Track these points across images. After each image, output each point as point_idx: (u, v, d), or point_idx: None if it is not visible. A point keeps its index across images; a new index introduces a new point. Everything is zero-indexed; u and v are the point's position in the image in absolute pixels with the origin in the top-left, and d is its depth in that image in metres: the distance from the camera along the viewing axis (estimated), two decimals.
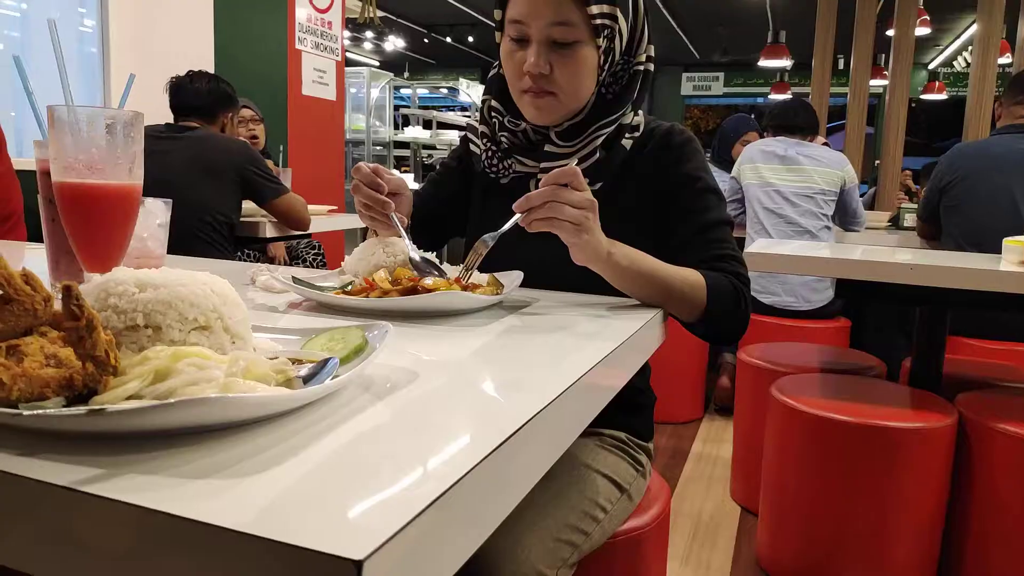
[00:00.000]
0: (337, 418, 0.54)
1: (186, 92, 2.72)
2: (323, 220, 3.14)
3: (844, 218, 3.48)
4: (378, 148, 7.69)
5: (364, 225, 1.20)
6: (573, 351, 0.81)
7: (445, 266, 1.08)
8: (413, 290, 0.94)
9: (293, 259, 3.54)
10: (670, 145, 1.21)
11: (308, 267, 3.44)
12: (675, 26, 10.91)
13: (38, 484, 0.42)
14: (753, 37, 10.47)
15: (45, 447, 0.46)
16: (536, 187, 1.21)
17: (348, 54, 4.90)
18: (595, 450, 1.15)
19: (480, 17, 10.77)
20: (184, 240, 2.45)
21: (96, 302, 0.58)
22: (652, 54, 1.21)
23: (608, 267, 1.01)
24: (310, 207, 2.89)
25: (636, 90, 1.20)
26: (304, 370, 0.57)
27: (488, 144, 1.25)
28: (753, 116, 4.44)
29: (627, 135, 1.20)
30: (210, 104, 2.74)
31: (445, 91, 11.02)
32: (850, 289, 2.02)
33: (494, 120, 1.24)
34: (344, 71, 4.91)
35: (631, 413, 1.22)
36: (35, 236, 2.18)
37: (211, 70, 3.76)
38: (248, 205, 2.79)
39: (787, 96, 8.21)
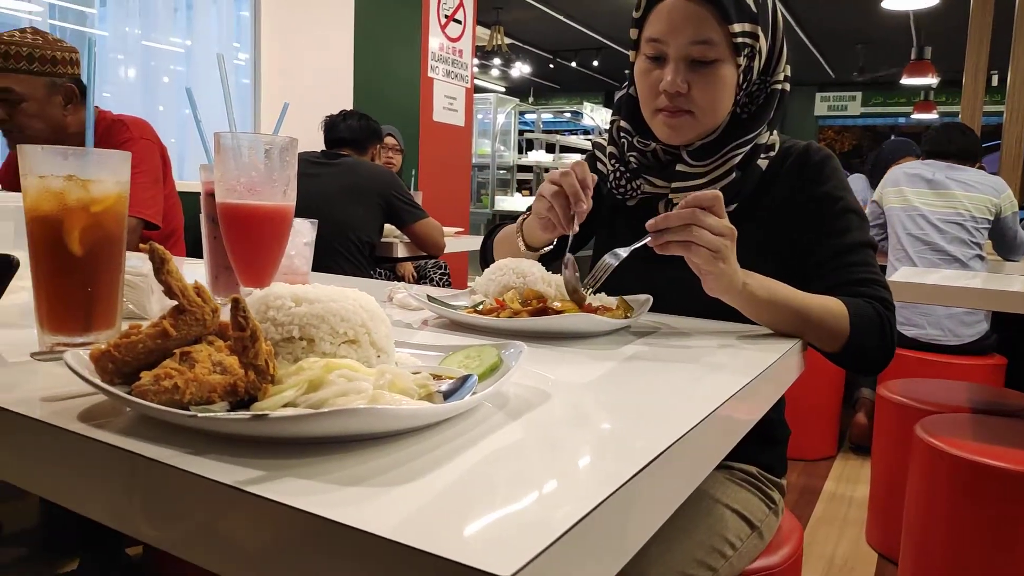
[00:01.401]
0: (475, 434, 0.55)
1: (339, 128, 3.01)
2: (450, 241, 3.24)
3: (1002, 247, 3.21)
4: (502, 172, 7.85)
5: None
6: (706, 380, 0.79)
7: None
8: (542, 311, 0.95)
9: (420, 278, 3.66)
10: (808, 164, 1.16)
11: (434, 286, 3.55)
12: (809, 44, 10.52)
13: (208, 481, 0.45)
14: (894, 54, 9.93)
15: (212, 448, 0.50)
16: (665, 209, 1.19)
17: (476, 81, 5.05)
18: (724, 484, 1.11)
19: (606, 41, 10.81)
20: (328, 258, 2.62)
21: (257, 314, 0.62)
22: (789, 73, 1.17)
23: (743, 299, 0.98)
24: None
25: (773, 109, 1.16)
26: (444, 385, 0.59)
27: (616, 165, 1.24)
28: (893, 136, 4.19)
29: (762, 155, 1.16)
30: (361, 139, 3.02)
31: (569, 115, 11.13)
32: (1008, 323, 1.85)
33: (623, 140, 1.23)
34: (473, 98, 5.06)
35: (764, 447, 1.17)
36: (192, 252, 2.38)
37: (350, 98, 3.99)
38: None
39: (948, 119, 7.72)
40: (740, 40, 1.07)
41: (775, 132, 1.19)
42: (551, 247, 1.23)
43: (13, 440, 0.58)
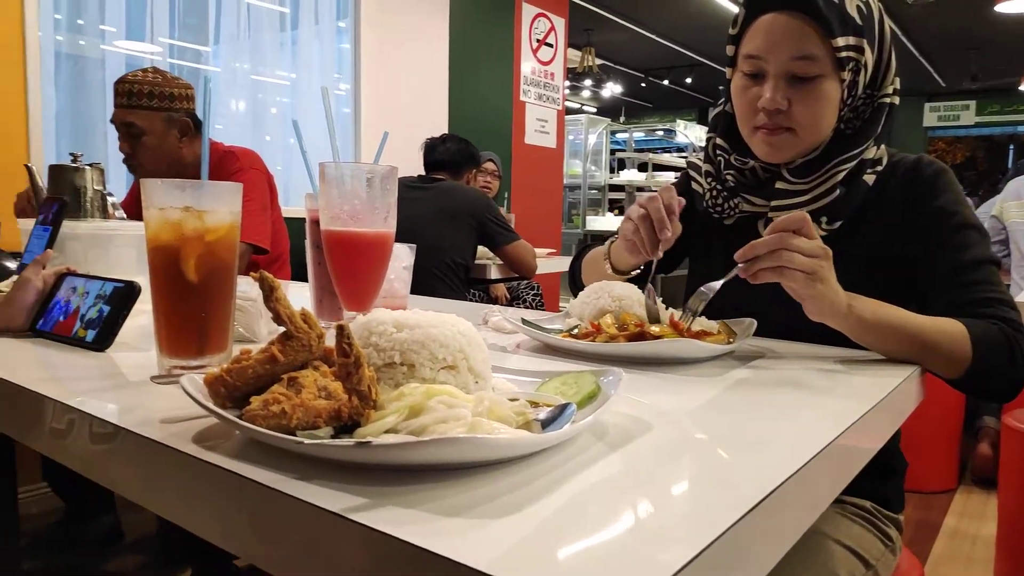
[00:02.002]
0: (574, 465, 0.54)
1: (438, 151, 3.11)
2: (542, 262, 3.25)
3: None
4: (593, 192, 7.83)
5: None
6: (819, 410, 0.75)
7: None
8: (640, 336, 0.93)
9: (514, 299, 3.68)
10: (919, 178, 1.10)
11: (527, 307, 3.56)
12: (916, 52, 10.02)
13: (313, 507, 0.46)
14: (1012, 58, 9.33)
15: (317, 472, 0.51)
16: (765, 228, 1.15)
17: (566, 102, 5.08)
18: (836, 519, 1.05)
19: (700, 59, 10.65)
20: (424, 280, 2.68)
21: (359, 339, 0.64)
22: (898, 86, 1.11)
23: (849, 322, 0.92)
24: None
25: (880, 124, 1.10)
26: (542, 413, 0.58)
27: (712, 183, 1.21)
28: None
29: (868, 170, 1.11)
30: (458, 162, 3.11)
31: (661, 133, 11.01)
32: None
33: (719, 158, 1.20)
34: (564, 119, 5.08)
35: (878, 479, 1.10)
36: (296, 275, 2.47)
37: (445, 123, 4.09)
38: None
39: None
40: (844, 54, 1.03)
41: (882, 146, 1.13)
42: (639, 271, 1.21)
43: (133, 459, 0.62)
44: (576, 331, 1.00)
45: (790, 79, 1.05)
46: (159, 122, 2.11)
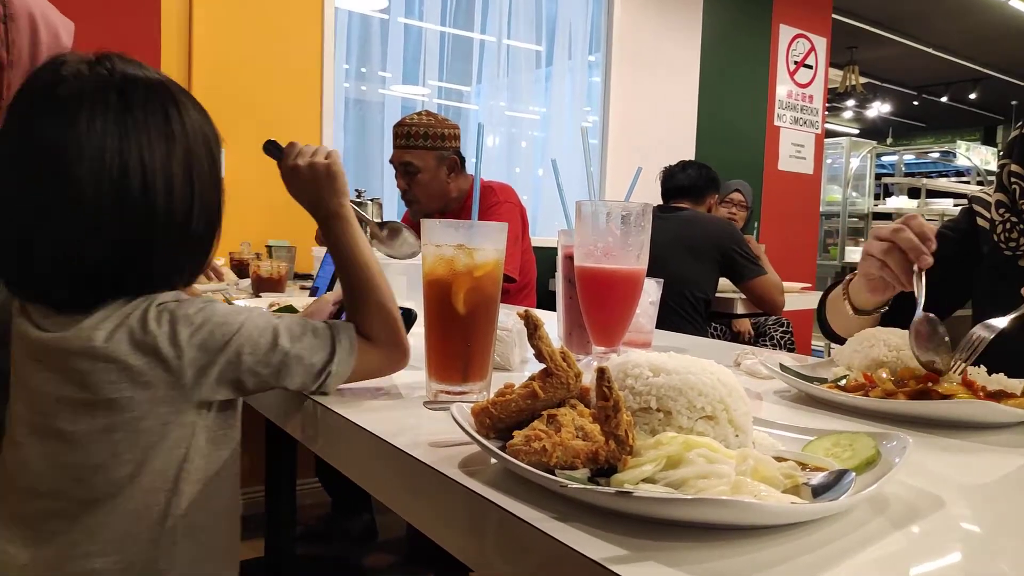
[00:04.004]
0: (849, 541, 0.49)
1: (677, 178, 3.01)
2: (795, 298, 3.04)
3: None
4: (854, 220, 7.23)
5: None
6: None
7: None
8: (924, 394, 0.82)
9: (758, 336, 3.48)
10: None
11: (775, 346, 3.36)
12: None
13: (572, 552, 0.46)
14: None
15: (573, 514, 0.51)
16: None
17: (826, 124, 4.75)
18: None
19: (986, 71, 9.42)
20: (663, 314, 2.62)
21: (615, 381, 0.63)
22: None
23: None
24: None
25: None
26: (815, 478, 0.53)
27: (1006, 215, 1.06)
28: None
29: None
30: (699, 188, 2.98)
31: (936, 156, 9.89)
32: None
33: (1014, 187, 1.05)
34: (823, 143, 4.75)
35: None
36: (540, 303, 2.56)
37: (692, 152, 4.01)
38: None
39: None
40: None
41: None
42: (887, 307, 1.09)
43: (401, 474, 0.67)
44: (844, 383, 0.92)
45: None
46: (432, 160, 2.31)
